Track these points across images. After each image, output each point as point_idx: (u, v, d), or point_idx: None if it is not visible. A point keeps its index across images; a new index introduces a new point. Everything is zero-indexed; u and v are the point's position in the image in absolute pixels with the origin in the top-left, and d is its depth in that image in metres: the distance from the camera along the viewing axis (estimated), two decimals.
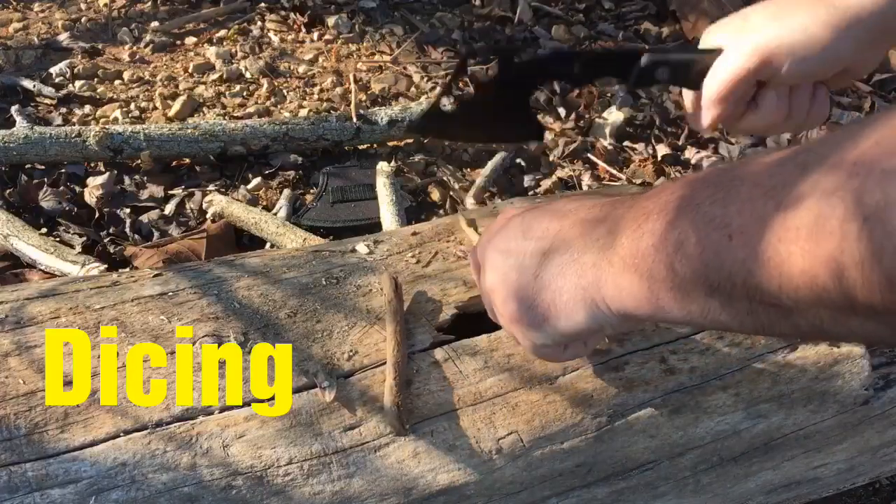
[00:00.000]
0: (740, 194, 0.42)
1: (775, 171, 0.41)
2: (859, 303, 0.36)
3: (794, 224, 0.38)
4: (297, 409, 0.68)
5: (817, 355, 0.80)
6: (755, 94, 0.74)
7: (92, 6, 2.13)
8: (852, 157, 0.36)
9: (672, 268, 0.46)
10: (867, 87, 2.06)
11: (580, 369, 0.75)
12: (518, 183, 1.71)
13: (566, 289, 0.56)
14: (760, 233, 0.39)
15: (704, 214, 0.43)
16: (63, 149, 1.54)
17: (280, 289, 0.78)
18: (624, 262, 0.50)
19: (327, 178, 1.61)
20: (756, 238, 0.40)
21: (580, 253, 0.55)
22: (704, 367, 0.77)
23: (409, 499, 0.69)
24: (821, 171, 0.37)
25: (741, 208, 0.41)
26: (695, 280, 0.44)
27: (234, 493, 0.65)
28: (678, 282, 0.46)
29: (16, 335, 0.70)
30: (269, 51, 2.02)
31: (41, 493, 0.62)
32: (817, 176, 0.38)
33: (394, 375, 0.69)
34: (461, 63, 0.71)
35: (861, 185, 0.35)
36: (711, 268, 0.43)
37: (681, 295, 0.46)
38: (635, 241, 0.49)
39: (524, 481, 0.72)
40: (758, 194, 0.41)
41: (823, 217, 0.36)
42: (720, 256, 0.42)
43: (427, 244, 0.87)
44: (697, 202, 0.44)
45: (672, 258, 0.45)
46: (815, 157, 0.39)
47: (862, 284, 0.35)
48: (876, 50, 0.71)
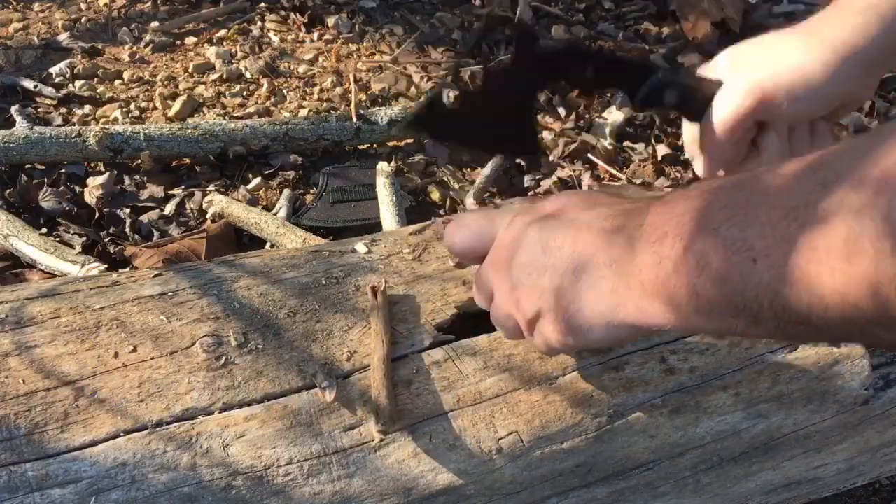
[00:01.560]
0: (759, 216, 0.42)
1: (794, 190, 0.41)
2: (894, 317, 0.36)
3: (822, 244, 0.38)
4: (297, 409, 0.68)
5: (817, 355, 0.80)
6: (756, 137, 0.73)
7: (92, 6, 2.13)
8: (875, 174, 0.36)
9: (695, 292, 0.45)
10: None
11: (580, 369, 0.75)
12: (518, 183, 1.71)
13: (588, 307, 0.55)
14: (786, 254, 0.39)
15: (724, 239, 0.43)
16: (63, 149, 1.54)
17: (280, 289, 0.78)
18: (644, 287, 0.50)
19: (327, 178, 1.61)
20: (782, 260, 0.40)
21: (599, 274, 0.54)
22: (704, 367, 0.77)
23: (409, 499, 0.69)
24: (844, 189, 0.37)
25: (762, 231, 0.41)
26: (720, 303, 0.44)
27: (234, 493, 0.65)
28: (702, 304, 0.46)
29: (16, 335, 0.70)
30: (269, 51, 2.02)
31: (41, 493, 0.62)
32: (841, 194, 0.37)
33: (383, 372, 0.69)
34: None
35: (889, 203, 0.35)
36: (736, 291, 0.43)
37: (706, 315, 0.46)
38: (654, 267, 0.48)
39: (524, 481, 0.72)
40: (778, 216, 0.40)
41: (853, 236, 0.36)
42: (745, 280, 0.42)
43: (427, 244, 0.87)
44: (714, 226, 0.44)
45: (694, 283, 0.45)
46: (834, 174, 0.39)
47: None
48: (870, 81, 0.71)
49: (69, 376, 0.67)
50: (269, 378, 0.70)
